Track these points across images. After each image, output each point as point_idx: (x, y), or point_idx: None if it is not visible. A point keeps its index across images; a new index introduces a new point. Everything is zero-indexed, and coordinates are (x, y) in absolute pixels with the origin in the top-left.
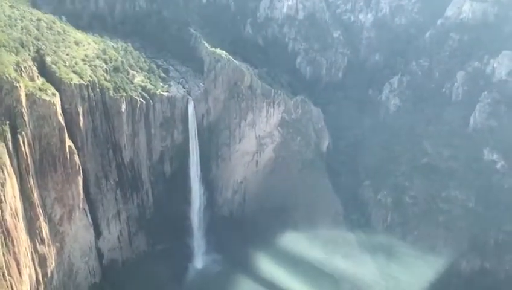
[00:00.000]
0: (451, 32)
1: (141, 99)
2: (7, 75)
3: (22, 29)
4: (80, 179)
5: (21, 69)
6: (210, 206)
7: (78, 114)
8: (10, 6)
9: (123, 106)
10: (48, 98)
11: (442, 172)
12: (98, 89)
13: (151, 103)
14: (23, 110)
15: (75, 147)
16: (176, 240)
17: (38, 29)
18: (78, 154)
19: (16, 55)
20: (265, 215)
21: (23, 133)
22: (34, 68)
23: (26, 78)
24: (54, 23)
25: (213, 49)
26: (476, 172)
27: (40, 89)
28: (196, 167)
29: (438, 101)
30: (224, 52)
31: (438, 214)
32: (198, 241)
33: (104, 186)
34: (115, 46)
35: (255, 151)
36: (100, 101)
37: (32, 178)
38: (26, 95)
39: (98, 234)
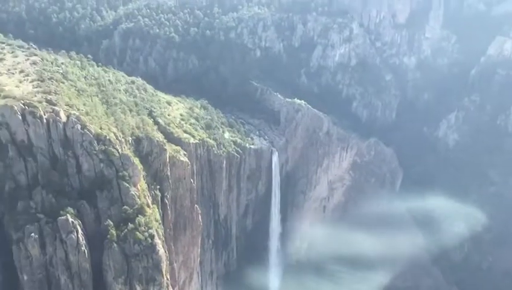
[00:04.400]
0: (497, 69)
1: (237, 154)
2: (157, 139)
3: (126, 93)
4: (200, 240)
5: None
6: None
7: (193, 173)
8: (103, 70)
9: (224, 162)
10: (184, 159)
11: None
12: (205, 147)
13: (243, 157)
14: (169, 173)
15: None
16: None
17: (138, 92)
18: None
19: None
20: (333, 260)
21: (168, 197)
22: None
23: None
24: (144, 84)
25: (289, 99)
26: None
27: (175, 151)
28: (277, 217)
29: (494, 133)
30: (302, 101)
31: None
32: None
33: (206, 246)
34: (193, 103)
35: (324, 197)
36: (206, 158)
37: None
38: (169, 157)
39: None
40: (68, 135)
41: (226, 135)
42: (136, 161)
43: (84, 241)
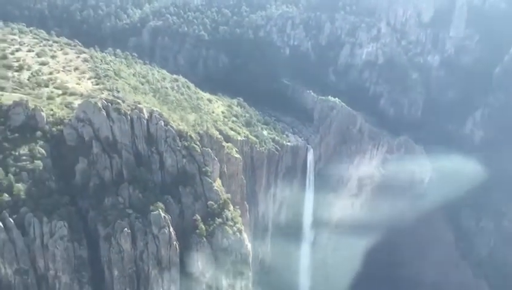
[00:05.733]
0: None
1: (276, 152)
2: (217, 136)
3: (172, 90)
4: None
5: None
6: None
7: (240, 170)
8: (148, 68)
9: (266, 159)
10: (237, 156)
11: None
12: (249, 144)
13: (281, 154)
14: (225, 170)
15: None
16: None
17: (184, 89)
18: None
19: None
20: (361, 257)
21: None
22: None
23: None
24: (186, 82)
25: (322, 97)
26: None
27: (229, 147)
28: (310, 214)
29: None
30: (337, 99)
31: None
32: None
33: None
34: (231, 101)
35: (354, 193)
36: (249, 155)
37: None
38: (225, 153)
39: None
40: (151, 131)
41: (265, 132)
42: None
43: (175, 236)
